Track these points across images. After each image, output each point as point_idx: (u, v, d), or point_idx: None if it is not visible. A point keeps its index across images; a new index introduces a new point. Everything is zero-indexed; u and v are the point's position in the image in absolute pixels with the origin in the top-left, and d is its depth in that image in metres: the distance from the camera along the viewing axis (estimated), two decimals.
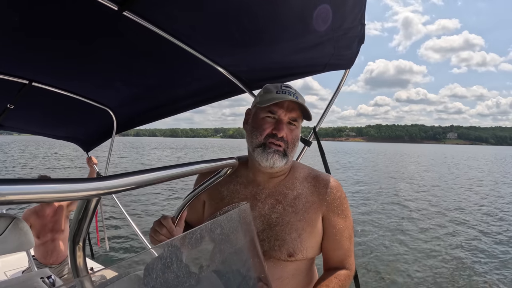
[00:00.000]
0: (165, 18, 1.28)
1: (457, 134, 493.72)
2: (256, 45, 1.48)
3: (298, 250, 1.10)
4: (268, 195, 1.18)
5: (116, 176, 0.44)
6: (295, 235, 1.11)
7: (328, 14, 1.18)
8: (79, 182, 0.38)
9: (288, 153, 1.12)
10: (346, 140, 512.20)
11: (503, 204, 12.91)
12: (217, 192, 1.23)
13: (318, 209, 1.15)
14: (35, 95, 2.10)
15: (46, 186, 0.34)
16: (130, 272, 0.59)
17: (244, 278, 0.91)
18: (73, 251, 0.50)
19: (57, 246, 3.54)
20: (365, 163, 35.79)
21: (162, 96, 2.18)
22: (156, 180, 0.51)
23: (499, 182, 20.24)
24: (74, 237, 0.49)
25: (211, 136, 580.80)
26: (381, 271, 6.00)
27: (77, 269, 0.52)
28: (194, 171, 0.61)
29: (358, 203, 12.31)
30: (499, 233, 8.65)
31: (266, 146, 1.10)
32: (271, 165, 1.10)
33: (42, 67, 1.81)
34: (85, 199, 0.46)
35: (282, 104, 1.11)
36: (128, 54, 1.61)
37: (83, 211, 0.47)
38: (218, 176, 0.92)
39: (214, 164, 0.69)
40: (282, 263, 1.11)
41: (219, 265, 0.87)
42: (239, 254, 0.93)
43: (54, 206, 3.56)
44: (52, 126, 3.18)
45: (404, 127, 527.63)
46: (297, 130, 1.15)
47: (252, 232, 0.96)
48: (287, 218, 1.13)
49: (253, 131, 1.14)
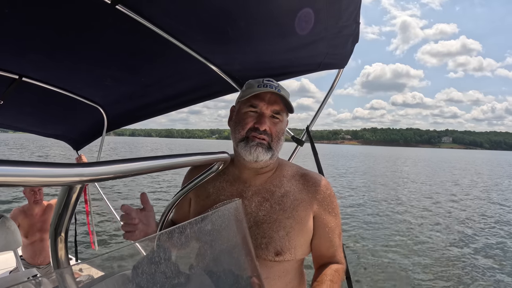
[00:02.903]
0: (158, 13, 1.26)
1: (452, 138, 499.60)
2: (250, 43, 1.46)
3: (286, 249, 1.07)
4: (255, 193, 1.15)
5: (102, 163, 0.42)
6: (283, 233, 1.08)
7: (322, 11, 1.17)
8: (61, 167, 0.36)
9: (273, 146, 1.10)
10: (341, 143, 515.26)
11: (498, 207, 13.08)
12: (203, 189, 1.20)
13: (308, 207, 1.13)
14: (25, 91, 2.06)
15: (22, 168, 0.31)
16: (114, 266, 0.56)
17: (235, 276, 0.89)
18: (54, 243, 0.48)
19: (45, 246, 3.48)
20: (360, 166, 35.97)
21: (154, 94, 2.15)
22: (145, 170, 0.49)
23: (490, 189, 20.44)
24: (55, 228, 0.47)
25: (207, 137, 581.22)
26: (373, 271, 6.02)
27: (58, 262, 0.49)
28: (185, 163, 0.59)
29: (350, 203, 12.35)
30: (493, 234, 8.75)
31: (249, 139, 1.08)
32: (255, 158, 1.08)
33: (33, 62, 1.78)
34: (67, 186, 0.43)
35: (263, 97, 1.09)
36: (120, 50, 1.58)
37: (65, 200, 0.44)
38: (211, 171, 0.90)
39: (205, 157, 0.67)
40: (269, 263, 1.08)
41: (209, 262, 0.84)
42: (231, 251, 0.91)
43: (43, 205, 3.50)
44: (42, 124, 3.12)
45: (399, 131, 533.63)
46: (281, 124, 1.13)
47: (244, 229, 0.94)
48: (274, 216, 1.10)
49: (235, 127, 1.13)
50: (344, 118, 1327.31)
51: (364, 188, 17.55)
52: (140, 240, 0.88)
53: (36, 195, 3.39)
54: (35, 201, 3.40)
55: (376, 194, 14.93)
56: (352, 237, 8.17)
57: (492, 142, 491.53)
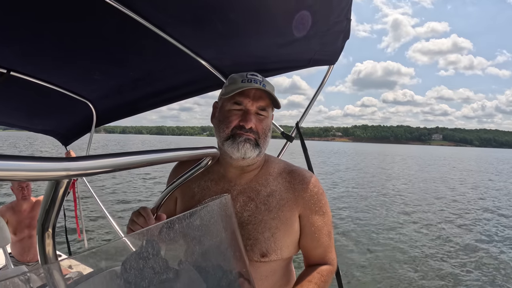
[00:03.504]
0: (147, 6, 1.24)
1: (442, 135, 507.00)
2: (239, 38, 1.46)
3: (272, 250, 1.05)
4: (240, 192, 1.12)
5: (89, 157, 0.41)
6: (268, 234, 1.05)
7: (313, 7, 1.18)
8: (47, 161, 0.36)
9: (260, 143, 1.07)
10: (332, 140, 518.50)
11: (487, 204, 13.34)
12: (189, 189, 1.18)
13: (293, 206, 1.09)
14: (13, 85, 2.02)
15: (7, 162, 0.31)
16: (103, 262, 0.56)
17: (224, 271, 0.89)
18: (41, 239, 0.47)
19: (34, 243, 3.45)
20: (350, 162, 36.25)
21: (143, 89, 2.13)
22: (133, 164, 0.48)
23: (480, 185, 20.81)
24: (42, 224, 0.46)
25: (198, 134, 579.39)
26: (363, 268, 6.10)
27: (45, 258, 0.49)
28: (173, 157, 0.58)
29: (340, 201, 12.46)
30: (484, 231, 8.92)
31: (235, 136, 1.04)
32: (242, 155, 1.04)
33: (21, 56, 1.74)
34: (54, 180, 0.43)
35: (248, 93, 1.04)
36: (109, 43, 1.56)
37: (52, 195, 0.44)
38: (199, 167, 0.90)
39: (194, 152, 0.66)
40: (255, 264, 1.06)
41: (198, 257, 0.84)
42: (220, 247, 0.91)
43: (31, 201, 3.47)
44: (30, 119, 3.07)
45: (390, 128, 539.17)
46: (267, 120, 1.09)
47: (233, 224, 0.93)
48: (259, 217, 1.07)
49: (219, 125, 1.09)
50: (335, 115, 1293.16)
51: (353, 184, 17.72)
52: (129, 235, 0.88)
53: (24, 191, 3.36)
54: (23, 197, 3.37)
55: (366, 192, 15.06)
56: (341, 234, 8.25)
57: (482, 139, 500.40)
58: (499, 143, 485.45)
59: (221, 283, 0.86)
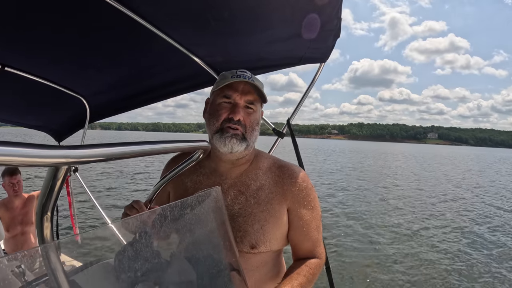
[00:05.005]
0: (141, 3, 1.26)
1: (437, 134, 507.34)
2: (232, 35, 1.48)
3: (261, 242, 1.09)
4: (231, 186, 1.16)
5: (87, 146, 0.44)
6: (257, 226, 1.09)
7: (304, 6, 1.20)
8: (47, 148, 0.39)
9: (247, 137, 1.10)
10: (328, 137, 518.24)
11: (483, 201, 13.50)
12: (181, 183, 1.21)
13: (282, 200, 1.13)
14: (7, 80, 2.02)
15: (11, 148, 0.34)
16: (96, 247, 0.59)
17: (214, 262, 0.92)
18: (40, 221, 0.50)
19: (27, 239, 3.45)
20: (346, 160, 36.40)
21: (136, 85, 2.15)
22: (128, 154, 0.51)
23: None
24: (42, 207, 0.49)
25: (194, 131, 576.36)
26: (353, 263, 6.17)
27: (43, 239, 0.52)
28: (165, 149, 0.62)
29: (332, 196, 12.56)
30: (478, 231, 9.04)
31: (223, 130, 1.08)
32: (229, 150, 1.08)
33: (15, 51, 1.75)
34: (54, 167, 0.46)
35: (237, 88, 1.09)
36: (103, 39, 1.58)
37: (52, 180, 0.47)
38: (191, 160, 0.93)
39: (185, 144, 0.70)
40: (245, 255, 1.10)
41: (188, 247, 0.87)
42: (210, 238, 0.93)
43: (23, 197, 3.46)
44: (23, 114, 3.06)
45: (385, 126, 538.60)
46: (255, 114, 1.13)
47: (223, 215, 0.96)
48: (249, 210, 1.11)
49: (210, 118, 1.13)
50: (331, 113, 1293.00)
51: (345, 182, 17.80)
52: (121, 220, 0.90)
53: (14, 187, 3.35)
54: (15, 193, 3.36)
55: (359, 191, 15.10)
56: (333, 230, 8.31)
57: (477, 138, 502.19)
58: (495, 142, 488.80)
59: (211, 272, 0.89)
